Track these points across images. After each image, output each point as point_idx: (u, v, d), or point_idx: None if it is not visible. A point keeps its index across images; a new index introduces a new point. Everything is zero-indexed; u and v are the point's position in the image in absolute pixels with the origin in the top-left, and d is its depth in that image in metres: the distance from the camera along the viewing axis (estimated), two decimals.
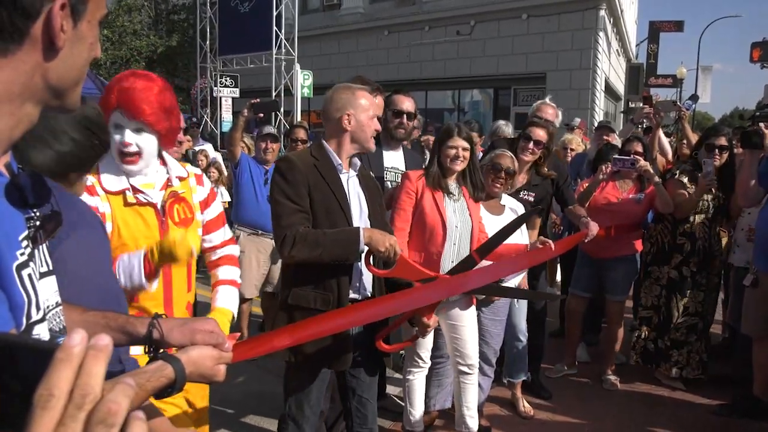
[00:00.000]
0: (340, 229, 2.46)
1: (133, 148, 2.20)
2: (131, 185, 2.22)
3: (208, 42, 17.08)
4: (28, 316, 0.93)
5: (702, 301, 4.46)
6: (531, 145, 3.91)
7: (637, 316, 4.62)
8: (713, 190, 4.28)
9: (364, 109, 2.57)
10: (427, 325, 2.63)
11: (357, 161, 2.66)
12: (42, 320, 0.97)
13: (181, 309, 2.34)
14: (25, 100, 0.94)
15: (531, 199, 3.99)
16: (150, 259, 2.07)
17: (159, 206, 2.28)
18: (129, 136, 2.20)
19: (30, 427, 0.48)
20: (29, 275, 0.93)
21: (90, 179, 2.11)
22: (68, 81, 0.97)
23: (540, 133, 3.93)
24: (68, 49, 0.94)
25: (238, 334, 1.35)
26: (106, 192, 2.17)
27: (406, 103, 3.66)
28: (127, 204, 2.20)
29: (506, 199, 3.72)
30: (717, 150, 4.26)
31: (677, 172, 4.44)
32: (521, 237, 3.71)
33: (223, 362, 1.26)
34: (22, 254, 0.92)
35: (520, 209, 3.73)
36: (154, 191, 2.27)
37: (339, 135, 2.58)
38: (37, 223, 0.99)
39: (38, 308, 0.95)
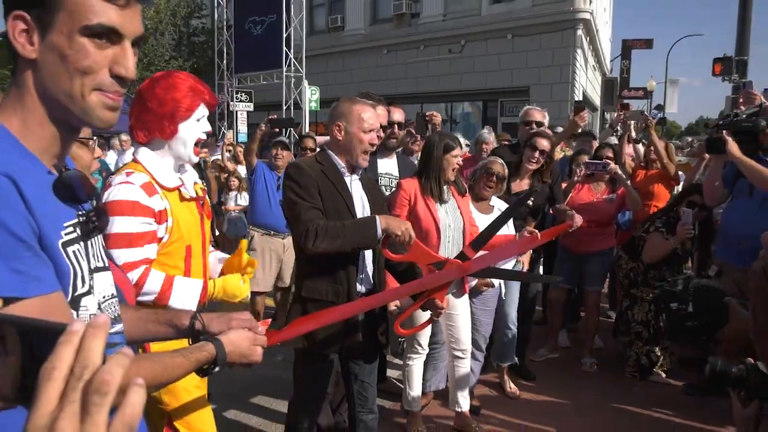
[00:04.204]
0: (358, 218, 2.43)
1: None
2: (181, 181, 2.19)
3: (225, 61, 17.11)
4: (74, 287, 0.95)
5: None
6: (537, 154, 3.92)
7: (629, 330, 4.47)
8: (690, 239, 4.12)
9: (356, 121, 2.45)
10: (441, 307, 2.55)
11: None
12: (88, 293, 0.99)
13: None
14: (44, 111, 0.95)
15: (530, 203, 4.01)
16: (209, 293, 2.07)
17: (200, 201, 2.27)
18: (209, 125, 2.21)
19: (37, 397, 0.48)
20: (74, 252, 0.96)
21: (143, 177, 2.07)
22: (57, 93, 0.94)
23: (544, 143, 3.94)
24: (43, 60, 0.92)
25: (270, 320, 1.36)
26: (163, 188, 2.09)
27: (396, 114, 3.64)
28: (182, 199, 2.16)
29: (495, 201, 3.72)
30: (697, 208, 4.13)
31: (659, 224, 4.26)
32: (507, 230, 3.71)
33: (259, 344, 1.28)
34: (67, 234, 0.95)
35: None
36: (190, 186, 2.24)
37: (335, 143, 2.52)
38: (84, 218, 1.01)
39: (83, 282, 0.97)
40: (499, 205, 3.71)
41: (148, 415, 2.11)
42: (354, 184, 2.57)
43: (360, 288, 2.52)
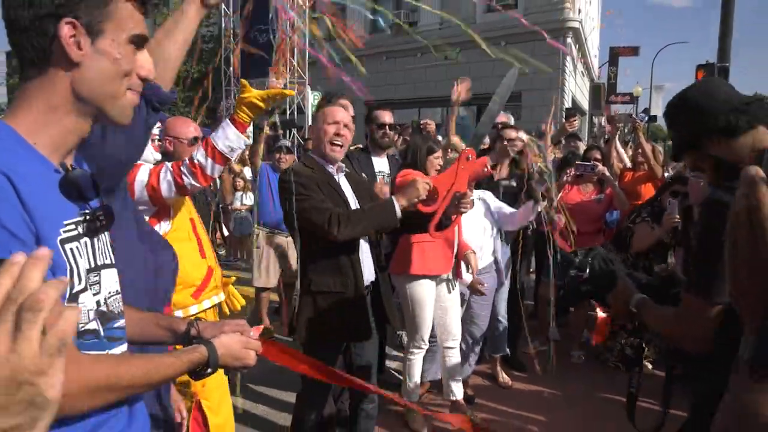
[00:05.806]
0: (375, 203, 2.51)
1: None
2: None
3: (231, 68, 17.09)
4: (71, 285, 0.94)
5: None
6: (506, 143, 4.02)
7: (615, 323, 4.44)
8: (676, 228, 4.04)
9: (320, 119, 2.58)
10: (466, 196, 2.48)
11: (342, 165, 2.66)
12: (85, 290, 0.97)
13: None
14: (68, 112, 0.96)
15: (514, 184, 4.10)
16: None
17: None
18: None
19: None
20: (72, 249, 0.95)
21: None
22: (100, 94, 0.97)
23: (512, 134, 4.03)
24: (89, 63, 0.95)
25: (262, 327, 1.35)
26: None
27: (387, 117, 3.73)
28: None
29: (477, 192, 3.70)
30: (681, 197, 4.13)
31: (645, 215, 4.19)
32: (484, 233, 3.70)
33: (252, 348, 1.26)
34: (67, 231, 0.94)
35: (489, 197, 3.73)
36: None
37: (314, 147, 2.65)
38: (90, 216, 1.00)
39: (80, 278, 0.96)
40: (479, 195, 3.68)
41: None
42: (341, 181, 2.62)
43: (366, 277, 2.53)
